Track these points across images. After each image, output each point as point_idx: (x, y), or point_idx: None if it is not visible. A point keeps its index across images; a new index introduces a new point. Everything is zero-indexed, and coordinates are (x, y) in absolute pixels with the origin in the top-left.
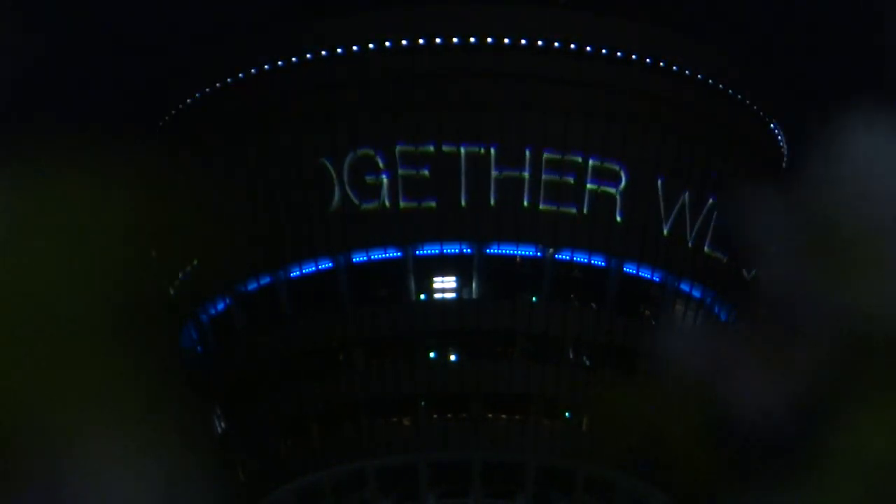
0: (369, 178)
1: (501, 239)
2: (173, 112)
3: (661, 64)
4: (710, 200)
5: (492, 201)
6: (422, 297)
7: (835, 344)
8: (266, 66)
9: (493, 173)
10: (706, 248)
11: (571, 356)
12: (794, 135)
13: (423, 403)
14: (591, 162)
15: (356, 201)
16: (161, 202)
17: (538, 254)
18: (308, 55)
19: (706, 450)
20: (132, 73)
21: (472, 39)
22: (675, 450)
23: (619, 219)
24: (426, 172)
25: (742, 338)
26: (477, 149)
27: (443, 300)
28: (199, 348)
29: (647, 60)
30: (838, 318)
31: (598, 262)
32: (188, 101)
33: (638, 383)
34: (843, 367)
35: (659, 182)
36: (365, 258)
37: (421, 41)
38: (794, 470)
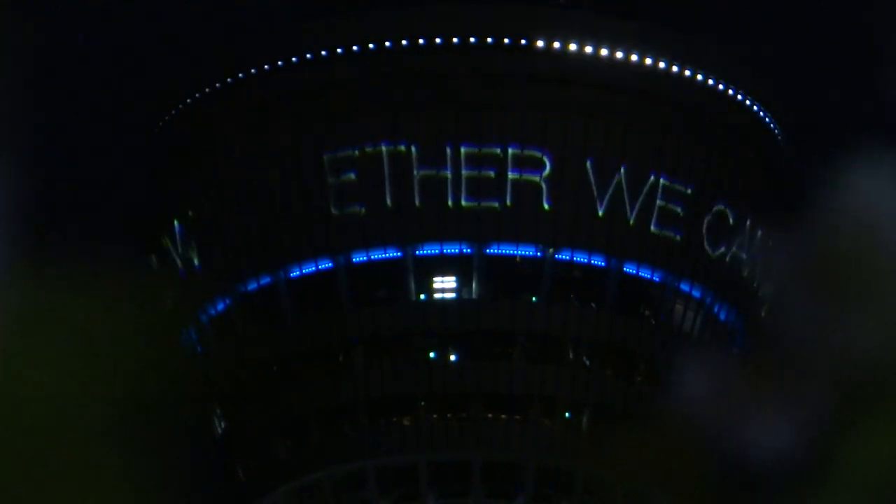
0: (369, 177)
1: (502, 239)
2: (173, 112)
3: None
4: (652, 178)
5: (545, 206)
6: (422, 297)
7: (839, 374)
8: (266, 66)
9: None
10: (653, 228)
11: (571, 356)
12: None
13: (423, 403)
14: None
15: (355, 201)
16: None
17: (538, 254)
18: (308, 55)
19: (704, 456)
20: (132, 74)
21: (471, 39)
22: (675, 454)
23: (546, 206)
24: (434, 172)
25: (745, 360)
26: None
27: (443, 300)
28: (198, 348)
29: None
30: (839, 342)
31: (597, 261)
32: (188, 101)
33: (637, 385)
34: (849, 399)
35: (588, 163)
36: (365, 258)
37: (421, 41)
38: (796, 488)
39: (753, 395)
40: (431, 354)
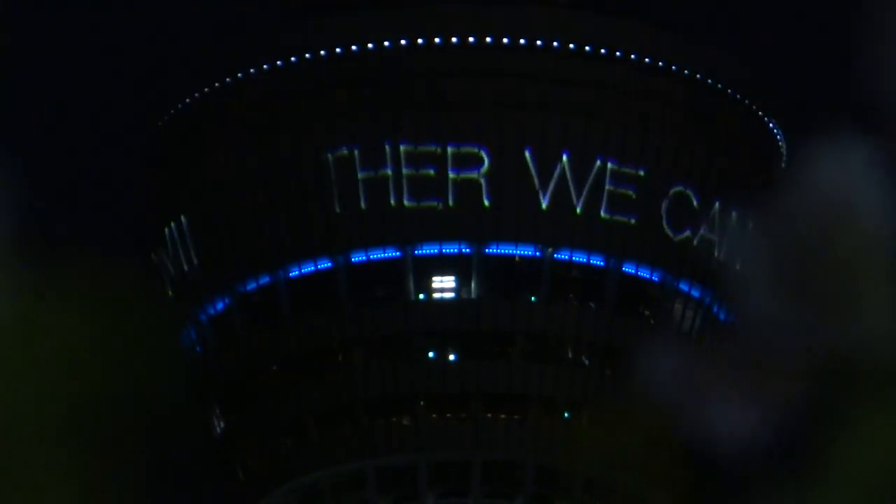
0: (369, 177)
1: (500, 239)
2: (173, 112)
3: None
4: (598, 162)
5: (485, 203)
6: (421, 296)
7: (818, 364)
8: (266, 66)
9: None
10: (602, 214)
11: (570, 356)
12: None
13: (422, 403)
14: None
15: (355, 201)
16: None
17: (537, 254)
18: (308, 55)
19: (704, 455)
20: (132, 74)
21: (471, 39)
22: (675, 453)
23: (486, 203)
24: (431, 172)
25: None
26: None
27: (442, 300)
28: (198, 348)
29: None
30: (817, 336)
31: (596, 261)
32: (188, 100)
33: (635, 384)
34: (827, 388)
35: (527, 153)
36: (364, 258)
37: (420, 41)
38: (787, 481)
39: (753, 393)
40: (431, 354)
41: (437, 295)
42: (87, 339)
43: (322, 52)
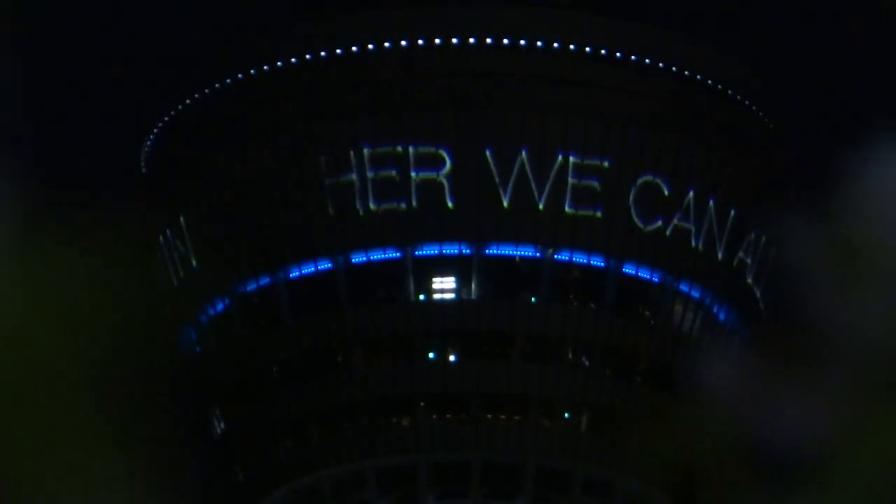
0: (366, 177)
1: (501, 239)
2: (173, 112)
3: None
4: (560, 157)
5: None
6: (421, 297)
7: (855, 361)
8: (266, 67)
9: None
10: (567, 209)
11: (570, 357)
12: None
13: (422, 404)
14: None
15: (356, 201)
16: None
17: (537, 254)
18: (308, 55)
19: (709, 456)
20: (132, 74)
21: (471, 40)
22: (675, 454)
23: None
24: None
25: (756, 350)
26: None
27: (442, 301)
28: (198, 349)
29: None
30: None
31: (596, 262)
32: (188, 101)
33: (636, 385)
34: (862, 385)
35: (488, 153)
36: (364, 259)
37: (420, 41)
38: (805, 483)
39: (752, 393)
40: (431, 355)
41: (437, 296)
42: (89, 340)
43: (324, 53)
